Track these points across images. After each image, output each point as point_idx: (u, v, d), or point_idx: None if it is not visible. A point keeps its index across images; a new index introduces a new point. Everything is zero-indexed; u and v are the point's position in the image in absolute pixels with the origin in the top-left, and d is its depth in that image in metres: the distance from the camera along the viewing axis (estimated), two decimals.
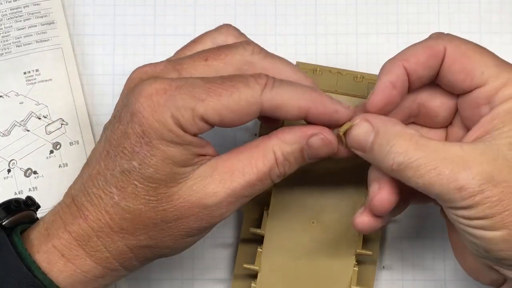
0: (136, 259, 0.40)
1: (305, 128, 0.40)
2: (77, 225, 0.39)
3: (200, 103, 0.37)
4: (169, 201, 0.38)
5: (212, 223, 0.40)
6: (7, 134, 0.51)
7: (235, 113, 0.38)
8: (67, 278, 0.39)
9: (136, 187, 0.38)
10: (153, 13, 0.54)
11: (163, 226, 0.39)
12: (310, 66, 0.50)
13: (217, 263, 0.51)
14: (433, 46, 0.39)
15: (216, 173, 0.39)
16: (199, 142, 0.39)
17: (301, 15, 0.54)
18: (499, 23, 0.53)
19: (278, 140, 0.39)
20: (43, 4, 0.53)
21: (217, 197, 0.38)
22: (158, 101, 0.37)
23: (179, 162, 0.38)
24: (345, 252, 0.47)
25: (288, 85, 0.39)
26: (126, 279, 0.50)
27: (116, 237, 0.39)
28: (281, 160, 0.39)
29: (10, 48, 0.52)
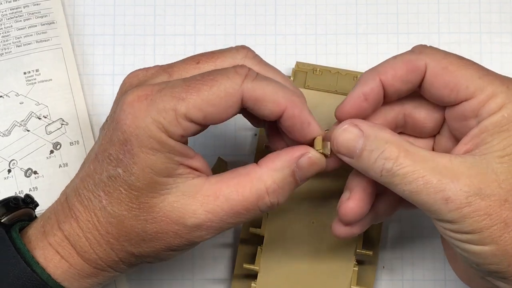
0: (124, 263, 0.40)
1: (290, 151, 0.39)
2: (68, 224, 0.39)
3: (181, 102, 0.37)
4: (150, 212, 0.38)
5: (192, 241, 0.39)
6: (8, 134, 0.51)
7: (216, 106, 0.37)
8: (63, 274, 0.39)
9: (121, 193, 0.38)
10: (153, 13, 0.54)
11: (144, 236, 0.38)
12: (310, 66, 0.50)
13: (217, 263, 0.51)
14: (413, 61, 0.38)
15: (200, 194, 0.38)
16: (183, 150, 0.38)
17: (301, 15, 0.54)
18: (499, 23, 0.53)
19: (267, 169, 0.39)
20: (43, 4, 0.53)
21: (197, 219, 0.38)
22: (139, 107, 0.37)
23: (159, 171, 0.37)
24: (345, 252, 0.47)
25: (270, 81, 0.39)
26: (126, 279, 0.51)
27: (102, 241, 0.39)
28: (273, 189, 0.38)
29: (10, 48, 0.52)
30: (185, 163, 0.38)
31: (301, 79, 0.50)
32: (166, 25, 0.54)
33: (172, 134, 0.37)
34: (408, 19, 0.53)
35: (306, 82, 0.49)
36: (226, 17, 0.54)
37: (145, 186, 0.37)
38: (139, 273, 0.51)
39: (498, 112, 0.37)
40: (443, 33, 0.53)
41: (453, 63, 0.38)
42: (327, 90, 0.49)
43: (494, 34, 0.53)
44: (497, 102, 0.37)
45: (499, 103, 0.37)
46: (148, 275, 0.51)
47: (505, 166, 0.36)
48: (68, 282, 0.39)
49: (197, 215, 0.38)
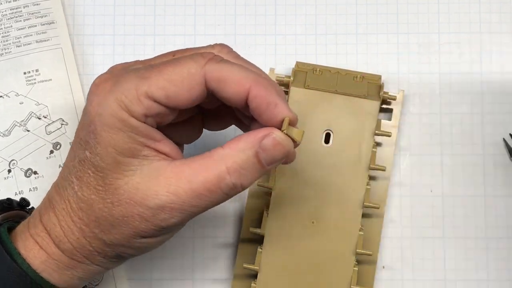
0: (99, 254, 0.40)
1: (254, 132, 0.38)
2: (47, 215, 0.40)
3: (143, 81, 0.37)
4: (115, 194, 0.38)
5: (159, 226, 0.38)
6: (8, 134, 0.51)
7: (179, 86, 0.37)
8: (42, 264, 0.40)
9: (89, 177, 0.38)
10: (153, 13, 0.54)
11: (111, 221, 0.38)
12: (310, 66, 0.50)
13: (217, 263, 0.51)
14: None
15: (163, 176, 0.38)
16: (148, 131, 0.38)
17: (301, 15, 0.54)
18: (499, 23, 0.53)
19: (230, 150, 0.38)
20: (43, 4, 0.53)
21: (159, 200, 0.38)
22: (104, 88, 0.38)
23: (122, 151, 0.38)
24: (345, 252, 0.47)
25: (235, 64, 0.39)
26: (126, 279, 0.51)
27: (74, 228, 0.39)
28: (234, 169, 0.38)
29: (10, 48, 0.52)
30: (151, 146, 0.38)
31: (301, 79, 0.49)
32: (166, 25, 0.54)
33: (134, 112, 0.37)
34: (408, 19, 0.53)
35: (306, 82, 0.49)
36: (226, 17, 0.54)
37: (109, 166, 0.38)
38: (139, 273, 0.51)
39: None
40: (443, 33, 0.53)
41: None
42: (327, 90, 0.49)
43: (494, 34, 0.53)
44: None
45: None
46: (148, 275, 0.51)
47: None
48: (47, 273, 0.40)
49: (159, 196, 0.38)
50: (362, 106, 0.48)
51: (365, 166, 0.48)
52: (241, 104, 0.38)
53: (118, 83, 0.38)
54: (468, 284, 0.51)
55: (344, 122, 0.48)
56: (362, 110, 0.48)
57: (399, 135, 0.52)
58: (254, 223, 0.50)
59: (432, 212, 0.51)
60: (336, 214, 0.47)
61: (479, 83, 0.53)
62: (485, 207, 0.51)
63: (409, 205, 0.51)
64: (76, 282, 0.41)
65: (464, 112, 0.52)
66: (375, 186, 0.50)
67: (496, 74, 0.53)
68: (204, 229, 0.51)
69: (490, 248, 0.51)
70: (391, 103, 0.51)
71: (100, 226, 0.39)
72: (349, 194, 0.47)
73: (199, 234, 0.51)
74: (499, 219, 0.51)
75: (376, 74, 0.51)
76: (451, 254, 0.51)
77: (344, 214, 0.47)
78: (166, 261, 0.51)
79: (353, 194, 0.47)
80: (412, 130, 0.52)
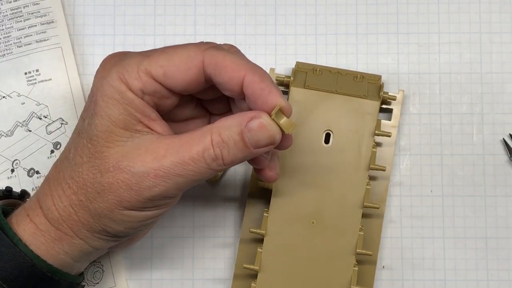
0: (84, 226, 0.41)
1: (245, 112, 0.40)
2: (42, 189, 0.42)
3: (145, 58, 0.40)
4: (104, 162, 0.39)
5: (143, 196, 0.39)
6: (10, 134, 0.52)
7: (176, 66, 0.39)
8: (30, 237, 0.41)
9: (84, 145, 0.40)
10: (153, 13, 0.54)
11: (98, 188, 0.39)
12: (310, 66, 0.50)
13: (217, 263, 0.51)
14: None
15: (153, 146, 0.39)
16: (144, 107, 0.40)
17: (301, 15, 0.53)
18: (499, 23, 0.53)
19: (218, 124, 0.39)
20: (43, 4, 0.53)
21: (143, 167, 0.39)
22: (110, 62, 0.41)
23: (116, 121, 0.39)
24: (345, 252, 0.47)
25: (233, 53, 0.40)
26: (126, 279, 0.51)
27: (63, 196, 0.40)
28: (218, 141, 0.39)
29: (12, 48, 0.52)
30: (144, 122, 0.40)
31: (301, 79, 0.49)
32: (166, 25, 0.54)
33: (132, 86, 0.39)
34: (408, 19, 0.53)
35: (306, 82, 0.49)
36: (226, 17, 0.54)
37: (102, 134, 0.39)
38: (139, 273, 0.51)
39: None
40: (443, 33, 0.53)
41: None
42: (327, 90, 0.49)
43: (494, 34, 0.53)
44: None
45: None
46: (148, 275, 0.51)
47: None
48: (35, 246, 0.40)
49: (144, 163, 0.39)
50: (362, 106, 0.48)
51: (365, 166, 0.48)
52: (237, 91, 0.40)
53: (123, 59, 0.40)
54: (468, 284, 0.51)
55: (344, 122, 0.48)
56: (362, 110, 0.48)
57: (399, 135, 0.52)
58: (254, 223, 0.50)
59: (432, 212, 0.51)
60: (336, 214, 0.47)
61: (479, 83, 0.52)
62: (485, 207, 0.51)
63: (409, 205, 0.51)
64: (63, 258, 0.41)
65: (464, 112, 0.52)
66: (375, 186, 0.50)
67: (496, 74, 0.53)
68: (204, 229, 0.51)
69: (490, 248, 0.51)
70: (391, 103, 0.51)
71: (87, 193, 0.40)
72: (349, 194, 0.47)
73: (199, 234, 0.51)
74: (499, 219, 0.51)
75: (376, 74, 0.51)
76: (451, 254, 0.51)
77: (344, 214, 0.47)
78: (166, 261, 0.51)
79: (353, 194, 0.47)
80: (412, 130, 0.52)
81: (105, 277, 0.50)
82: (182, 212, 0.51)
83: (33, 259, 0.40)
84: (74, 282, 0.43)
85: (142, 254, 0.51)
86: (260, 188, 0.50)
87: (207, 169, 0.39)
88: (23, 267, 0.40)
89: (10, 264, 0.40)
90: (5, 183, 0.51)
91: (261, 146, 0.40)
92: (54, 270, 0.41)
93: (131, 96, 0.39)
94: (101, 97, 0.40)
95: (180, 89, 0.40)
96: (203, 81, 0.41)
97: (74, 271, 0.43)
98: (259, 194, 0.50)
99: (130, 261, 0.51)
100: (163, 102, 0.41)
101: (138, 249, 0.51)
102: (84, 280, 0.49)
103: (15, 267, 0.40)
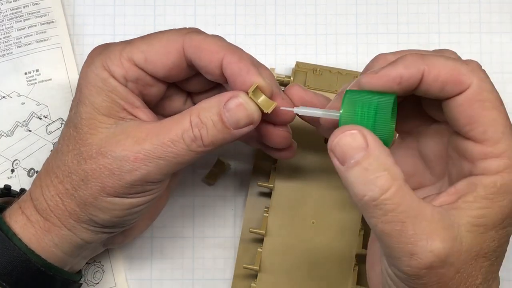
0: (71, 216, 0.41)
1: (223, 93, 0.40)
2: (34, 184, 0.43)
3: (128, 46, 0.41)
4: (88, 150, 0.40)
5: (125, 181, 0.39)
6: (10, 134, 0.52)
7: (156, 50, 0.40)
8: (21, 228, 0.41)
9: (70, 134, 0.41)
10: (153, 13, 0.54)
11: (82, 175, 0.40)
12: (310, 66, 0.50)
13: (217, 263, 0.51)
14: (462, 75, 0.35)
15: (134, 131, 0.39)
16: (127, 95, 0.40)
17: (301, 15, 0.54)
18: (499, 23, 0.53)
19: (197, 106, 0.40)
20: (43, 4, 0.53)
21: (124, 150, 0.39)
22: (95, 52, 0.42)
23: (100, 108, 0.40)
24: (345, 252, 0.47)
25: (214, 36, 0.41)
26: (127, 279, 0.51)
27: (51, 185, 0.41)
28: (196, 122, 0.39)
29: (12, 48, 0.52)
30: (128, 109, 0.41)
31: (301, 79, 0.49)
32: (166, 25, 0.54)
33: (114, 73, 0.40)
34: (408, 19, 0.53)
35: (306, 82, 0.49)
36: (226, 17, 0.54)
37: (85, 122, 0.40)
38: (139, 273, 0.51)
39: (493, 175, 0.35)
40: (443, 33, 0.53)
41: (492, 102, 0.35)
42: (327, 90, 0.49)
43: (494, 34, 0.53)
44: (498, 165, 0.35)
45: (499, 167, 0.35)
46: (148, 275, 0.51)
47: (470, 236, 0.34)
48: (27, 238, 0.41)
49: (125, 147, 0.39)
50: None
51: None
52: (218, 73, 0.40)
53: (106, 48, 0.41)
54: None
55: None
56: None
57: None
58: (254, 223, 0.50)
59: None
60: (336, 214, 0.47)
61: None
62: None
63: None
64: (53, 251, 0.41)
65: None
66: None
67: (496, 74, 0.53)
68: (204, 229, 0.51)
69: None
70: None
71: (72, 181, 0.40)
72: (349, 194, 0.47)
73: (199, 234, 0.51)
74: None
75: None
76: None
77: (344, 214, 0.47)
78: (166, 261, 0.51)
79: None
80: None
81: (105, 277, 0.50)
82: (182, 212, 0.51)
83: (27, 253, 0.40)
84: (70, 279, 0.43)
85: (142, 254, 0.51)
86: (260, 188, 0.50)
87: (187, 150, 0.39)
88: (17, 262, 0.40)
89: (4, 259, 0.40)
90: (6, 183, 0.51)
91: (241, 126, 0.39)
92: (48, 265, 0.41)
93: (114, 83, 0.40)
94: (85, 85, 0.40)
95: (163, 75, 0.41)
96: (185, 66, 0.41)
97: (68, 267, 0.43)
98: (259, 194, 0.50)
99: (130, 261, 0.51)
100: (148, 91, 0.42)
101: (138, 249, 0.51)
102: (84, 280, 0.50)
103: (9, 262, 0.40)
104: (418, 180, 0.40)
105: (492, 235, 0.35)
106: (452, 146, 0.37)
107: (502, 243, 0.35)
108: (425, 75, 0.35)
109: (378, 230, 0.34)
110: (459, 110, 0.35)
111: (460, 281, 0.34)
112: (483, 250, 0.35)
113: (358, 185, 0.34)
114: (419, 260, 0.33)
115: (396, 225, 0.33)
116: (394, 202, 0.33)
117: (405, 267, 0.34)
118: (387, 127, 0.35)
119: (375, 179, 0.33)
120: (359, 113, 0.36)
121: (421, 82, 0.35)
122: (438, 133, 0.39)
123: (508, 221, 0.35)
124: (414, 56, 0.36)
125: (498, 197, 0.34)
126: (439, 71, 0.35)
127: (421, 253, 0.33)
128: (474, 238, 0.34)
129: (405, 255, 0.33)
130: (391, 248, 0.34)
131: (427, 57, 0.35)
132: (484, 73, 0.36)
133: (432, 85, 0.35)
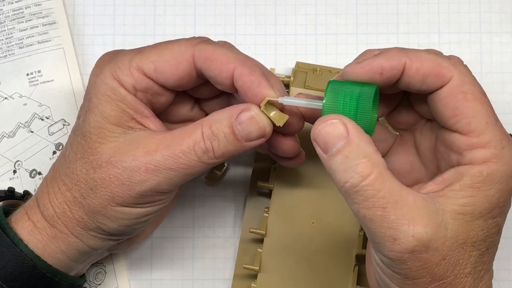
0: (78, 224, 0.41)
1: (235, 105, 0.40)
2: (41, 189, 0.43)
3: (137, 55, 0.40)
4: (97, 159, 0.40)
5: (135, 191, 0.39)
6: (13, 135, 0.52)
7: (167, 60, 0.40)
8: (28, 234, 0.41)
9: (78, 143, 0.40)
10: (153, 13, 0.54)
11: (91, 184, 0.40)
12: (310, 66, 0.50)
13: (217, 263, 0.51)
14: (443, 68, 0.36)
15: (145, 141, 0.39)
16: (137, 104, 0.40)
17: (301, 15, 0.53)
18: (499, 23, 0.53)
19: (209, 118, 0.40)
20: (45, 4, 0.53)
21: (135, 160, 0.39)
22: (104, 60, 0.41)
23: (108, 117, 0.40)
24: (345, 252, 0.47)
25: (224, 47, 0.40)
26: (127, 279, 0.51)
27: (59, 193, 0.41)
28: (208, 134, 0.39)
29: (14, 49, 0.53)
30: (137, 119, 0.40)
31: (301, 79, 0.49)
32: (166, 25, 0.54)
33: (124, 82, 0.40)
34: (408, 19, 0.53)
35: (306, 82, 0.49)
36: (226, 17, 0.54)
37: (95, 130, 0.40)
38: (139, 273, 0.51)
39: (480, 165, 0.35)
40: (443, 33, 0.53)
41: (474, 93, 0.36)
42: None
43: (494, 34, 0.53)
44: (484, 155, 0.35)
45: (485, 157, 0.35)
46: (148, 275, 0.51)
47: (456, 224, 0.35)
48: (33, 244, 0.41)
49: (136, 157, 0.39)
50: None
51: None
52: (228, 84, 0.40)
53: (116, 56, 0.41)
54: None
55: None
56: None
57: None
58: (254, 223, 0.50)
59: None
60: (336, 214, 0.47)
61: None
62: None
63: None
64: (60, 258, 0.41)
65: None
66: None
67: (496, 74, 0.52)
68: (204, 229, 0.52)
69: None
70: None
71: (81, 190, 0.40)
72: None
73: (199, 234, 0.51)
74: None
75: None
76: None
77: (344, 214, 0.47)
78: (166, 261, 0.51)
79: None
80: None
81: (107, 278, 0.51)
82: (182, 212, 0.52)
83: (34, 259, 0.40)
84: (75, 284, 0.43)
85: (142, 254, 0.51)
86: (260, 188, 0.50)
87: (198, 162, 0.39)
88: (24, 268, 0.40)
89: (11, 265, 0.40)
90: (7, 184, 0.51)
91: (252, 139, 0.39)
92: (54, 271, 0.41)
93: (123, 93, 0.40)
94: (94, 94, 0.40)
95: (172, 84, 0.41)
96: (195, 76, 0.41)
97: (74, 272, 0.43)
98: (259, 194, 0.50)
99: (129, 261, 0.51)
100: (157, 99, 0.41)
101: (138, 249, 0.51)
102: (87, 281, 0.50)
103: (16, 268, 0.40)
104: (415, 176, 0.41)
105: (480, 224, 0.35)
106: (440, 141, 0.38)
107: (491, 233, 0.36)
108: (407, 68, 0.36)
109: (360, 215, 0.35)
110: (443, 104, 0.36)
111: (447, 268, 0.35)
112: (471, 239, 0.35)
113: (339, 173, 0.35)
114: (402, 245, 0.34)
115: (377, 211, 0.34)
116: (375, 188, 0.34)
117: (389, 252, 0.34)
118: (368, 116, 0.37)
119: (355, 166, 0.34)
120: (341, 102, 0.37)
121: (403, 75, 0.36)
122: (430, 130, 0.40)
123: (497, 211, 0.36)
124: (397, 49, 0.37)
125: (484, 186, 0.35)
126: (421, 64, 0.36)
127: (403, 238, 0.34)
128: (460, 225, 0.35)
129: (388, 240, 0.34)
130: (374, 233, 0.35)
131: (409, 50, 0.37)
132: (465, 67, 0.37)
133: (414, 77, 0.36)
